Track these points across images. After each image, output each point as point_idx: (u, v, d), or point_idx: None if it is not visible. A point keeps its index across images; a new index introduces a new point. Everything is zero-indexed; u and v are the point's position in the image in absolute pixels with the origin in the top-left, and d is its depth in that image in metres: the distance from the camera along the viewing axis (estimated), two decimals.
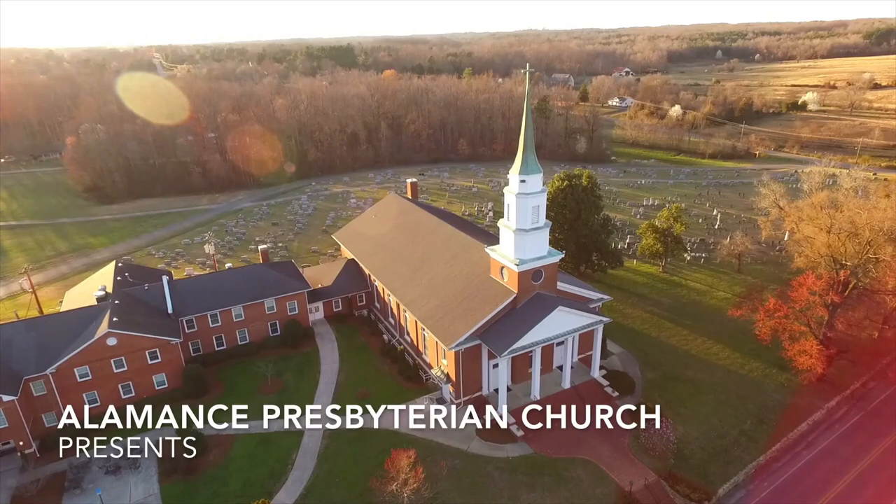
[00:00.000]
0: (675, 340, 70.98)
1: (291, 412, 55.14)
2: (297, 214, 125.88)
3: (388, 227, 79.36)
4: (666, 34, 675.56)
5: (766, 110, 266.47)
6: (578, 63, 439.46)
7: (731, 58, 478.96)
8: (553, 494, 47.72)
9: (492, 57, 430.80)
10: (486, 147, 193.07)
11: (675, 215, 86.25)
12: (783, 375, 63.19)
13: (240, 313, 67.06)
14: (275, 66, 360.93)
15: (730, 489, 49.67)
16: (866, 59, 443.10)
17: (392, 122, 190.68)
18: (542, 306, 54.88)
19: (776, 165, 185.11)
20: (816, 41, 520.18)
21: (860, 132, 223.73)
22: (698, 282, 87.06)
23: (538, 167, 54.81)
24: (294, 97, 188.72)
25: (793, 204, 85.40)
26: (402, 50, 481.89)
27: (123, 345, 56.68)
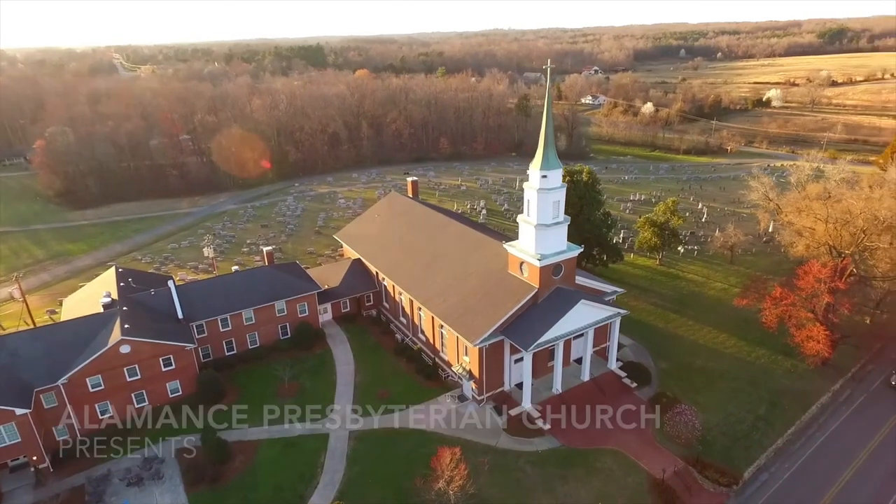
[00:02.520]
0: (681, 331, 72.60)
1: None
2: (286, 216, 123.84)
3: (393, 225, 78.86)
4: (630, 33, 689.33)
5: (734, 107, 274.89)
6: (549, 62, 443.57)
7: (694, 56, 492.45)
8: (586, 486, 48.27)
9: (463, 56, 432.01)
10: (468, 146, 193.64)
11: (672, 209, 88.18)
12: (789, 361, 65.34)
13: (250, 316, 65.68)
14: (244, 67, 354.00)
15: (753, 472, 51.15)
16: (821, 58, 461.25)
17: (373, 122, 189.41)
18: (564, 300, 55.41)
19: (748, 160, 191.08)
20: (774, 40, 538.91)
21: (823, 127, 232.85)
22: (695, 273, 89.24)
23: (559, 163, 55.35)
24: (273, 97, 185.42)
25: (785, 196, 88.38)
26: (373, 49, 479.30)
27: (137, 352, 54.82)
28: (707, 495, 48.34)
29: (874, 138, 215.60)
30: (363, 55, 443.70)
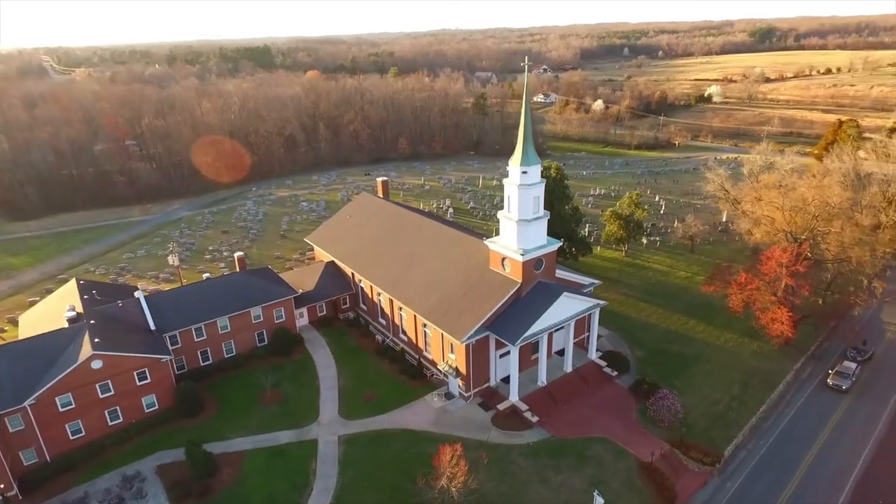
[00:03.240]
0: (653, 319, 75.07)
1: (304, 420, 54.07)
2: (248, 221, 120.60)
3: (366, 226, 78.11)
4: (575, 32, 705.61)
5: (678, 103, 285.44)
6: (498, 61, 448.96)
7: (637, 55, 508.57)
8: (579, 473, 49.28)
9: (414, 56, 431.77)
10: (426, 145, 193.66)
11: (636, 202, 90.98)
12: (755, 343, 68.61)
13: (226, 325, 63.69)
14: (188, 69, 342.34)
15: (733, 450, 53.47)
16: (754, 55, 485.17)
17: (329, 123, 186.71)
18: (547, 294, 56.35)
19: (696, 154, 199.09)
20: (710, 39, 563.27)
21: (761, 121, 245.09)
22: (659, 263, 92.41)
23: (537, 158, 56.32)
24: (224, 100, 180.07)
25: (740, 187, 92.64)
26: (322, 50, 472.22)
27: (109, 367, 52.27)
28: (692, 475, 50.21)
29: (807, 131, 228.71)
30: (313, 56, 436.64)
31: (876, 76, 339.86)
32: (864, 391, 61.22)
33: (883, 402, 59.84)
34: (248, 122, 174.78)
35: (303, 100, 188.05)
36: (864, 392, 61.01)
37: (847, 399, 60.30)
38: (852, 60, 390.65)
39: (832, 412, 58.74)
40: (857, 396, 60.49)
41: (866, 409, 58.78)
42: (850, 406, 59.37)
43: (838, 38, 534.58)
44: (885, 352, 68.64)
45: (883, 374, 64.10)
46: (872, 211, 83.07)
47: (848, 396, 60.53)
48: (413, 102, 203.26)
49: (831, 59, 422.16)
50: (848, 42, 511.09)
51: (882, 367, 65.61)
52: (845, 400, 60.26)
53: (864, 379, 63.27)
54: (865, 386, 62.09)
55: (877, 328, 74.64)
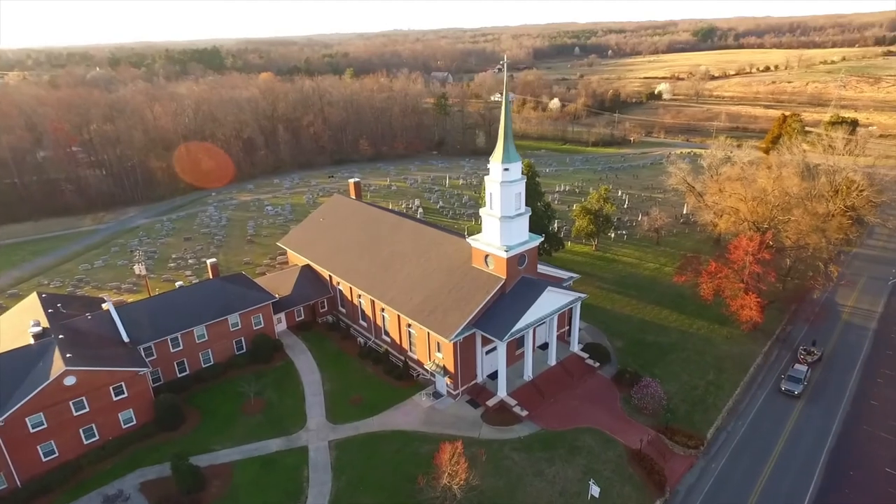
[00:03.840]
0: (627, 310, 77.05)
1: (291, 427, 53.07)
2: (211, 227, 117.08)
3: (342, 228, 77.12)
4: (526, 33, 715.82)
5: (631, 100, 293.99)
6: (454, 61, 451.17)
7: (588, 54, 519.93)
8: (572, 464, 50.11)
9: (369, 56, 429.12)
10: (388, 146, 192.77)
11: (605, 196, 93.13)
12: (725, 329, 71.39)
13: (202, 333, 61.70)
14: (133, 72, 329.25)
15: (714, 433, 55.55)
16: (698, 54, 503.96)
17: (289, 125, 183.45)
18: (531, 289, 57.05)
19: (651, 149, 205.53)
20: (656, 38, 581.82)
21: (710, 117, 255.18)
22: (628, 256, 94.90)
23: (518, 155, 56.83)
24: (178, 103, 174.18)
25: (701, 180, 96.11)
26: (273, 51, 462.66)
27: (84, 383, 49.81)
28: (679, 459, 51.85)
29: (752, 126, 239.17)
30: (265, 58, 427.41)
31: (810, 73, 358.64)
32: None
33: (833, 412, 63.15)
34: (205, 126, 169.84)
35: (260, 102, 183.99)
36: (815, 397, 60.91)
37: (811, 385, 63.50)
38: (788, 58, 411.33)
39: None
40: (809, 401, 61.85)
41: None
42: (812, 389, 62.60)
43: (774, 37, 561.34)
44: (835, 347, 71.80)
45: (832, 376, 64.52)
46: (822, 200, 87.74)
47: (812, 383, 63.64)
48: (373, 103, 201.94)
49: (769, 57, 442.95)
50: (783, 41, 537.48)
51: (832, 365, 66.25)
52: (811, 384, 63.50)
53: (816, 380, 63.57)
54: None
55: (832, 310, 78.89)
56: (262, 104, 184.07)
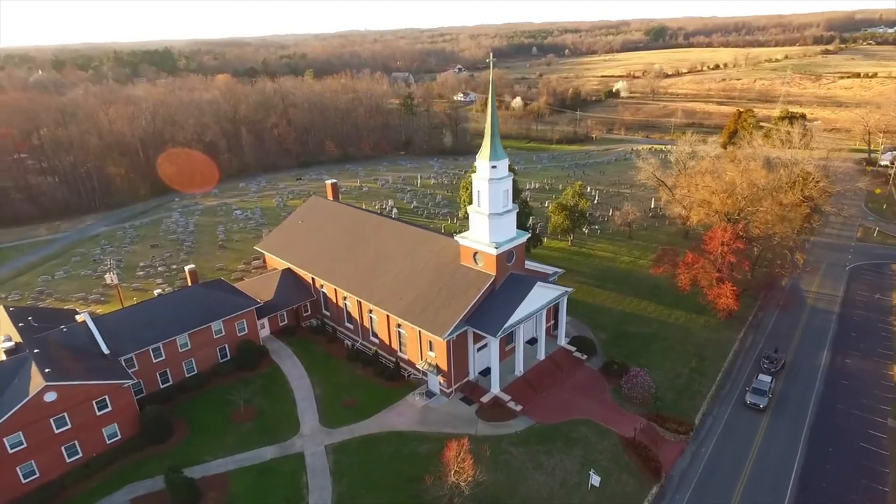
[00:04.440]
0: (608, 303, 78.68)
1: (285, 434, 52.11)
2: (178, 233, 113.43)
3: (322, 230, 76.00)
4: (484, 33, 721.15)
5: (590, 98, 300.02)
6: (414, 61, 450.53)
7: (546, 53, 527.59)
8: (570, 456, 50.87)
9: (327, 57, 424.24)
10: (355, 147, 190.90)
11: (579, 192, 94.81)
12: (702, 318, 73.79)
13: (185, 342, 59.80)
14: (80, 74, 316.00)
15: (701, 418, 57.38)
16: (651, 53, 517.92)
17: (252, 128, 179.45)
18: (520, 285, 57.62)
19: (614, 146, 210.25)
20: (610, 37, 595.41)
21: (667, 113, 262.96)
22: (603, 250, 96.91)
23: (504, 153, 57.33)
24: (135, 106, 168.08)
25: (670, 173, 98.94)
26: (228, 53, 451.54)
27: (65, 398, 47.58)
28: (670, 445, 53.33)
29: (707, 122, 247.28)
30: (219, 59, 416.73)
31: (757, 71, 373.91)
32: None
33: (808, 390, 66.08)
34: (164, 130, 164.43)
35: (221, 104, 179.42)
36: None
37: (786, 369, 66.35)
38: (736, 57, 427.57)
39: (779, 376, 64.41)
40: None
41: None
42: (788, 373, 65.44)
43: (721, 36, 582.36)
44: (804, 331, 75.14)
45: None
46: (785, 191, 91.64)
47: None
48: (337, 104, 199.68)
49: (718, 55, 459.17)
50: (729, 40, 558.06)
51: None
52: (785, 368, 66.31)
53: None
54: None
55: (799, 296, 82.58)
56: (224, 106, 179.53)
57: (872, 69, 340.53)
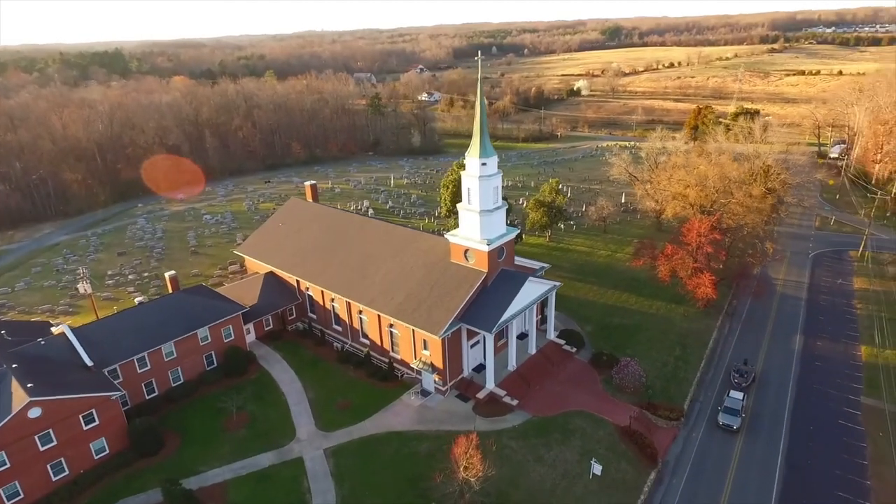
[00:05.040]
0: (590, 296, 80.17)
1: (281, 439, 51.22)
2: (146, 240, 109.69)
3: (304, 232, 74.83)
4: (443, 33, 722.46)
5: (553, 97, 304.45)
6: (374, 62, 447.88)
7: (505, 53, 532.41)
8: (568, 447, 51.68)
9: (287, 58, 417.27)
10: (322, 148, 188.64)
11: (556, 189, 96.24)
12: (681, 307, 76.01)
13: (171, 351, 57.97)
14: (24, 77, 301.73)
15: (689, 404, 59.17)
16: (608, 52, 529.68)
17: (216, 131, 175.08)
18: (512, 281, 58.17)
19: (579, 143, 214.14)
20: (568, 37, 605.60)
21: (627, 111, 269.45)
22: (581, 245, 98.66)
23: (493, 150, 57.75)
24: (91, 109, 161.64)
25: (641, 169, 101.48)
26: (183, 54, 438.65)
27: (50, 414, 45.49)
28: (663, 431, 54.83)
29: (666, 118, 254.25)
30: (174, 61, 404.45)
31: (709, 69, 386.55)
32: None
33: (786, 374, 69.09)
34: (123, 133, 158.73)
35: (183, 107, 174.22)
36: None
37: (762, 353, 69.08)
38: (689, 55, 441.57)
39: (754, 359, 66.98)
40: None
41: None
42: (766, 355, 68.21)
43: (674, 35, 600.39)
44: (776, 316, 78.26)
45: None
46: (752, 184, 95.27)
47: (761, 352, 69.13)
48: (303, 105, 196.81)
49: (671, 54, 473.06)
50: (682, 39, 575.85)
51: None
52: (761, 352, 69.06)
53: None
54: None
55: (769, 283, 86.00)
56: (186, 109, 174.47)
57: (815, 67, 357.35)
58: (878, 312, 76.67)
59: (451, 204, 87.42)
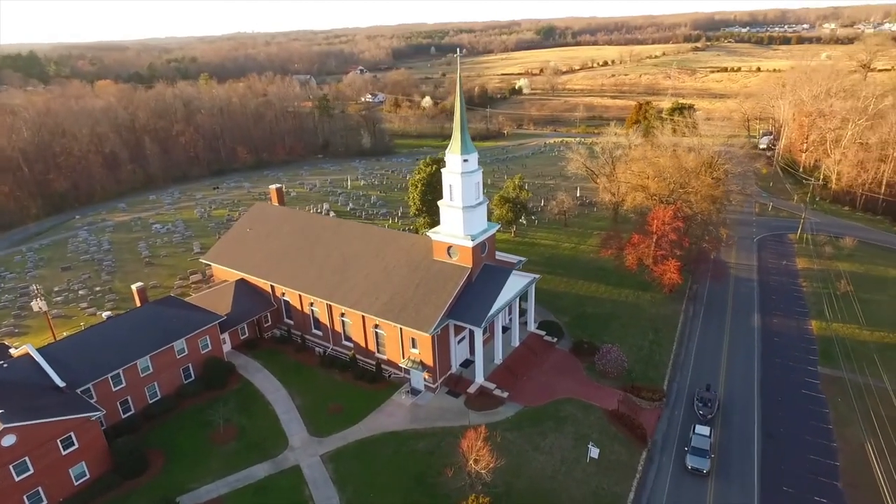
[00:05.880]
0: (561, 288, 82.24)
1: (274, 449, 49.92)
2: (92, 253, 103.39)
3: (275, 236, 72.81)
4: (380, 33, 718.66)
5: (496, 96, 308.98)
6: (313, 63, 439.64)
7: (444, 53, 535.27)
8: (562, 434, 52.93)
9: (220, 61, 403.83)
10: (269, 152, 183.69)
11: (520, 185, 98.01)
12: (648, 294, 79.27)
13: (147, 366, 55.15)
14: None
15: (668, 384, 61.91)
16: (544, 51, 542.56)
17: (155, 136, 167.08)
18: (497, 275, 58.99)
19: (526, 140, 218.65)
20: (504, 37, 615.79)
21: (569, 108, 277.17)
22: (545, 239, 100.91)
23: (474, 147, 58.30)
24: (14, 116, 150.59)
25: (597, 163, 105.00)
26: (106, 57, 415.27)
27: (26, 440, 42.35)
28: (648, 412, 57.04)
29: (606, 114, 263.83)
30: (97, 64, 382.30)
31: (641, 67, 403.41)
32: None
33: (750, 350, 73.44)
34: (53, 142, 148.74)
35: (119, 112, 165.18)
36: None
37: (726, 334, 73.21)
38: (621, 54, 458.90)
39: (719, 339, 70.86)
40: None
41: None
42: (731, 336, 72.34)
43: (605, 35, 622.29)
44: (733, 297, 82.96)
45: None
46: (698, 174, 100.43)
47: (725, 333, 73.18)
48: (247, 109, 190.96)
49: (604, 53, 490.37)
50: (613, 38, 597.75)
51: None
52: (725, 334, 73.19)
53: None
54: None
55: (723, 267, 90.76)
56: (122, 114, 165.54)
57: (736, 64, 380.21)
58: (823, 289, 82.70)
59: (420, 203, 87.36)
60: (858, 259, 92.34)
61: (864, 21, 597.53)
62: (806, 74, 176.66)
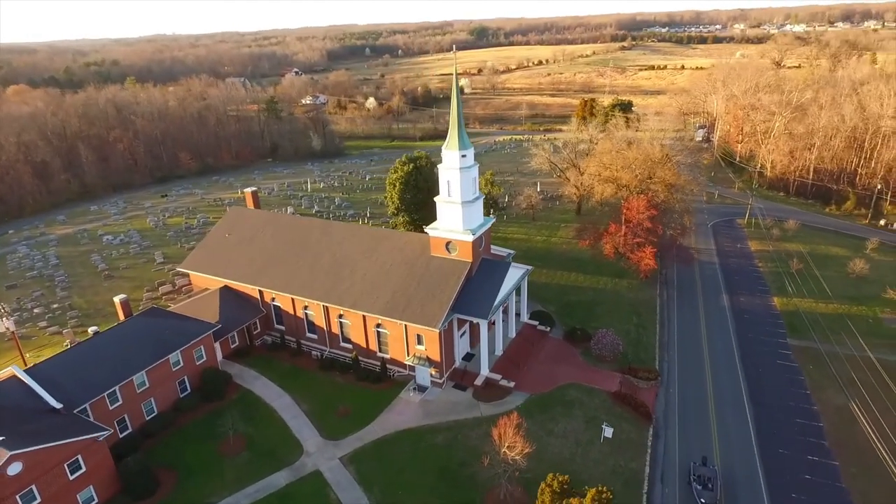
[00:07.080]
0: (543, 279, 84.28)
1: (289, 456, 48.79)
2: (38, 269, 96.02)
3: (258, 241, 70.56)
4: (311, 35, 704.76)
5: (439, 95, 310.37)
6: (245, 65, 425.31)
7: (380, 55, 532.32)
8: (573, 417, 54.66)
9: (146, 63, 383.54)
10: (214, 157, 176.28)
11: (491, 181, 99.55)
12: (625, 281, 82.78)
13: (143, 381, 52.27)
14: None
15: (658, 363, 65.07)
16: (479, 51, 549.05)
17: (90, 143, 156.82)
18: (496, 268, 59.98)
19: (476, 139, 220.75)
20: (438, 38, 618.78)
21: (512, 106, 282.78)
22: (516, 233, 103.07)
23: (470, 142, 58.99)
24: None
25: (561, 158, 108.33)
26: (16, 61, 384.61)
27: (32, 468, 39.31)
28: (646, 392, 59.83)
29: (548, 112, 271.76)
30: (5, 67, 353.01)
31: (574, 65, 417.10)
32: None
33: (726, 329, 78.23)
34: None
35: (48, 119, 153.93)
36: None
37: (702, 314, 77.70)
38: (554, 53, 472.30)
39: (696, 320, 75.17)
40: None
41: None
42: (706, 317, 76.78)
43: (536, 35, 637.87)
44: (700, 279, 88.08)
45: None
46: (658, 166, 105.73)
47: (700, 313, 77.71)
48: (186, 113, 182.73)
49: (537, 52, 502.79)
50: (544, 38, 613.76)
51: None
52: (701, 313, 77.64)
53: None
54: None
55: (687, 252, 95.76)
56: (51, 121, 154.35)
57: (661, 62, 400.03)
58: (777, 268, 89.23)
59: (398, 202, 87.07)
60: (802, 239, 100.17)
61: (769, 22, 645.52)
62: (736, 71, 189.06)
